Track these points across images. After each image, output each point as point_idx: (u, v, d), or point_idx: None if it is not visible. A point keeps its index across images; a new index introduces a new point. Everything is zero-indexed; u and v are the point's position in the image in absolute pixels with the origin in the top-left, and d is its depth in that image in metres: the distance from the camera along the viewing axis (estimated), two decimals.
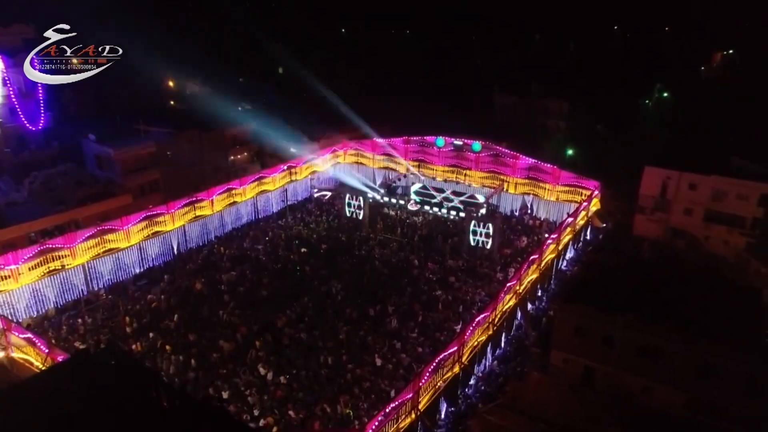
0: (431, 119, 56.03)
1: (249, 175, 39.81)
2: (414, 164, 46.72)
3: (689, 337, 21.27)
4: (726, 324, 22.47)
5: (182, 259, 35.03)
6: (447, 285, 33.39)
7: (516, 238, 40.16)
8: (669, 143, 52.57)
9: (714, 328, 22.09)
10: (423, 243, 38.69)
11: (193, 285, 32.00)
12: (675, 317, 22.46)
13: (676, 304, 23.48)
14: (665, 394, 22.30)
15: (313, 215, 43.70)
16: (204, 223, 36.69)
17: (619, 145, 54.99)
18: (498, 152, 42.97)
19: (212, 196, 36.64)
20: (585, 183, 39.63)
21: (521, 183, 42.52)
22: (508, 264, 36.11)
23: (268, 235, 39.50)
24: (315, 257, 36.28)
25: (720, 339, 21.32)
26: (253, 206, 40.97)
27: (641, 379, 22.69)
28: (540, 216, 42.48)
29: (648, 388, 22.63)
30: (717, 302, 23.87)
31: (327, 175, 48.96)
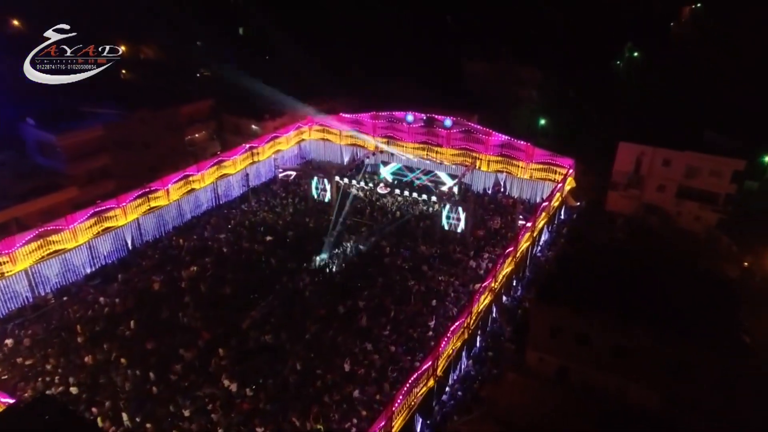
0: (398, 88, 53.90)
1: (207, 160, 37.44)
2: (383, 141, 44.89)
3: (664, 337, 20.89)
4: (701, 319, 22.19)
5: (138, 255, 33.01)
6: (420, 274, 32.43)
7: (489, 218, 39.32)
8: (639, 109, 51.97)
9: (689, 324, 21.78)
10: (394, 226, 37.47)
11: (151, 284, 30.21)
12: (650, 314, 22.01)
13: (652, 298, 23.03)
14: (641, 392, 22.12)
15: (279, 197, 41.82)
16: (160, 214, 34.52)
17: (591, 113, 54.19)
18: (470, 128, 41.48)
19: (167, 185, 34.35)
20: (559, 161, 38.73)
21: (494, 160, 41.37)
22: (481, 248, 35.32)
23: (230, 222, 37.59)
24: (281, 246, 34.73)
25: (695, 336, 21.02)
26: (213, 192, 38.81)
27: (617, 377, 22.40)
28: (514, 195, 41.62)
29: (623, 386, 22.39)
30: (692, 295, 23.55)
31: (292, 153, 46.76)
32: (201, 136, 47.21)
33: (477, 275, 32.34)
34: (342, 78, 55.96)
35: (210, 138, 47.76)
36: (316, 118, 47.55)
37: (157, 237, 34.69)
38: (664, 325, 21.25)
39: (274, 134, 44.33)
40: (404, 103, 47.70)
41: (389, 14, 64.79)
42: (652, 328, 21.10)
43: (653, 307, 22.45)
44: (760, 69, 53.20)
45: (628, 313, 21.78)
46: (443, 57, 67.87)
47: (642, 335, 21.05)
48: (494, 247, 35.60)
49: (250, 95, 49.72)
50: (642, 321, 21.46)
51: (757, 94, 47.82)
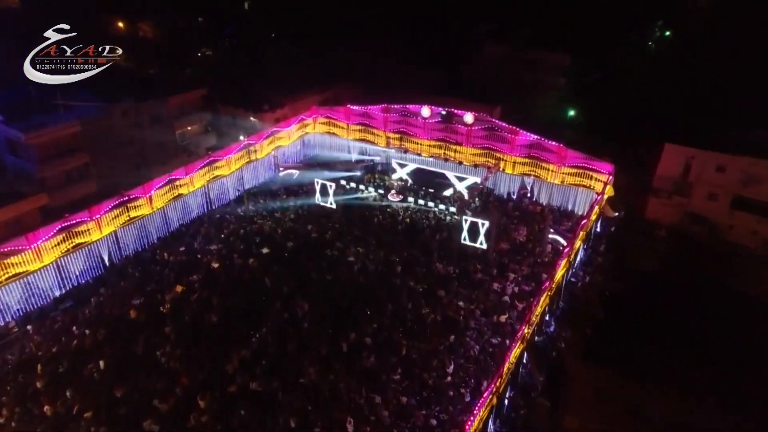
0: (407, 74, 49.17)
1: (195, 162, 33.26)
2: (395, 137, 40.43)
3: (731, 412, 16.74)
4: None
5: (116, 272, 29.23)
6: (435, 299, 28.39)
7: (513, 227, 35.00)
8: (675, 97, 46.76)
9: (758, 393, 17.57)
10: (406, 237, 33.34)
11: (127, 310, 26.47)
12: (719, 381, 17.80)
13: (721, 360, 18.80)
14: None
15: (279, 200, 37.72)
16: (142, 224, 30.67)
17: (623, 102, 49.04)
18: (494, 125, 36.82)
19: (150, 191, 30.35)
20: (596, 165, 34.08)
21: (521, 162, 36.82)
22: (505, 266, 31.12)
23: (223, 231, 33.65)
24: (279, 260, 30.78)
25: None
26: (205, 196, 34.79)
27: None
28: (542, 201, 37.15)
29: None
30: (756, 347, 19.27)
31: (294, 148, 42.48)
32: (194, 129, 43.02)
33: (501, 302, 28.27)
34: (347, 62, 51.19)
35: (204, 131, 43.57)
36: (321, 109, 43.10)
37: (139, 250, 30.87)
38: (736, 398, 17.05)
39: (274, 128, 40.00)
40: (414, 92, 43.30)
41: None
42: (722, 403, 16.92)
43: (723, 370, 18.22)
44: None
45: (691, 382, 17.57)
46: (457, 39, 62.63)
47: (709, 412, 16.89)
48: (519, 264, 31.42)
49: (250, 82, 45.44)
50: (709, 392, 17.25)
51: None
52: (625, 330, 20.29)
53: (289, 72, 47.57)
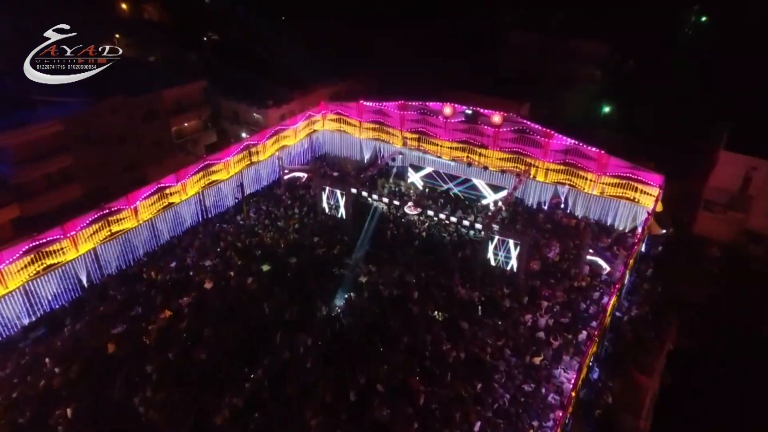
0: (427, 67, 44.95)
1: (188, 167, 29.72)
2: (412, 137, 36.51)
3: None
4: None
5: (96, 294, 25.97)
6: (458, 332, 24.78)
7: (545, 243, 31.11)
8: (723, 96, 42.09)
9: None
10: (423, 254, 29.66)
11: (106, 341, 23.23)
12: None
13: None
14: None
15: (283, 206, 34.17)
16: (126, 239, 27.27)
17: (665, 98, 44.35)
18: (525, 127, 32.72)
19: (134, 202, 26.91)
20: (643, 176, 29.91)
21: (555, 169, 32.75)
22: (537, 292, 27.35)
23: (220, 243, 30.21)
24: (280, 281, 27.35)
25: None
26: (199, 204, 31.31)
27: None
28: (577, 213, 33.12)
29: None
30: None
31: (301, 147, 38.75)
32: (191, 126, 39.46)
33: (533, 337, 24.58)
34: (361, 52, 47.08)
35: (203, 128, 39.99)
36: (331, 104, 39.24)
37: (123, 267, 27.55)
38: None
39: (278, 126, 36.27)
40: (432, 86, 39.22)
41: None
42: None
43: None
44: None
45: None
46: (479, 26, 57.94)
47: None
48: (553, 289, 27.62)
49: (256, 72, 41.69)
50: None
51: None
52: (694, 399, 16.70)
53: (298, 61, 43.63)
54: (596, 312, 26.44)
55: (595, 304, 26.85)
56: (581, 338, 24.78)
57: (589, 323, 25.61)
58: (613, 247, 31.04)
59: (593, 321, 25.72)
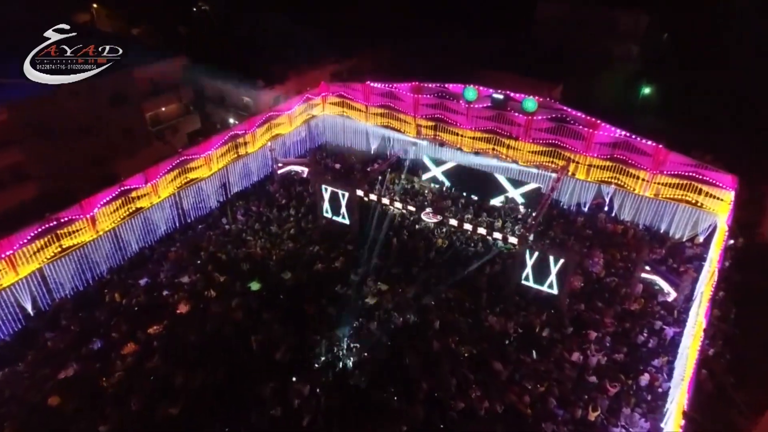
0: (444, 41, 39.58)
1: (161, 164, 24.77)
2: (428, 125, 31.42)
3: None
4: None
5: (44, 324, 21.29)
6: (489, 375, 20.17)
7: (586, 252, 26.24)
8: None
9: None
10: (443, 268, 24.91)
11: (51, 392, 18.66)
12: None
13: None
14: None
15: (276, 206, 29.31)
16: (82, 254, 22.46)
17: (719, 79, 38.81)
18: (564, 115, 27.59)
19: (91, 210, 22.02)
20: (710, 176, 24.90)
21: (599, 165, 27.74)
22: (583, 318, 22.68)
23: (200, 253, 25.46)
24: (271, 305, 22.68)
25: None
26: (174, 207, 26.46)
27: None
28: (624, 218, 28.21)
29: None
30: None
31: (297, 136, 33.68)
32: (170, 110, 34.30)
33: (584, 382, 19.98)
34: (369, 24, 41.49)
35: (184, 112, 34.81)
36: (333, 85, 34.01)
37: (80, 289, 22.84)
38: None
39: (270, 111, 31.17)
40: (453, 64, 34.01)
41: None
42: None
43: None
44: None
45: None
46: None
47: None
48: (602, 315, 22.92)
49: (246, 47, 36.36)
50: None
51: None
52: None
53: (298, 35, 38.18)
54: (656, 346, 21.83)
55: (656, 335, 22.18)
56: (643, 383, 20.20)
57: (651, 362, 21.02)
58: (667, 259, 26.24)
59: (655, 359, 21.14)
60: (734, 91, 37.18)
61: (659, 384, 20.15)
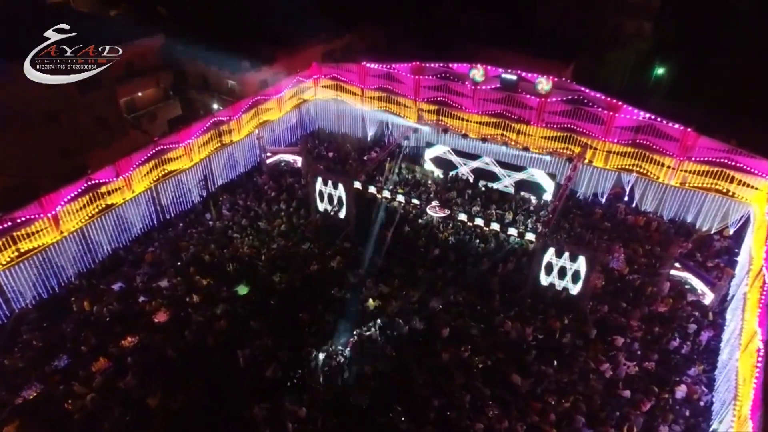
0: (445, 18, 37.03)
1: (135, 154, 22.24)
2: (430, 108, 28.99)
3: None
4: None
5: (1, 337, 18.87)
6: (508, 390, 18.03)
7: (606, 246, 24.01)
8: None
9: None
10: (450, 267, 22.68)
11: (3, 424, 16.33)
12: None
13: None
14: None
15: (265, 200, 26.87)
16: (45, 258, 20.00)
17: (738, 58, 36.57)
18: (582, 96, 25.25)
19: (53, 209, 19.52)
20: (745, 162, 22.74)
21: (619, 152, 25.48)
22: (607, 322, 20.58)
23: (180, 256, 23.05)
24: (260, 313, 20.40)
25: None
26: (151, 203, 23.98)
27: None
28: (646, 209, 26.04)
29: None
30: None
31: (288, 122, 31.16)
32: (148, 96, 31.56)
33: (613, 394, 17.90)
34: None
35: (164, 98, 32.10)
36: (326, 66, 31.42)
37: (44, 297, 20.38)
38: None
39: (257, 96, 28.60)
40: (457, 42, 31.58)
41: None
42: None
43: None
44: None
45: None
46: None
47: None
48: (627, 317, 20.83)
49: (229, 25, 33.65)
50: None
51: None
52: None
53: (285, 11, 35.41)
54: (689, 352, 19.79)
55: (689, 340, 20.11)
56: (679, 395, 18.15)
57: (686, 371, 18.97)
58: (695, 253, 24.15)
59: (691, 367, 19.10)
60: (753, 73, 34.94)
61: (698, 397, 18.13)
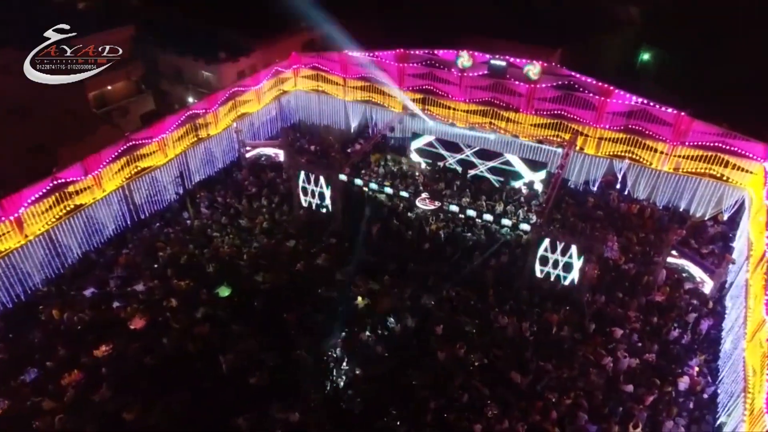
0: None
1: (104, 150, 20.94)
2: (415, 97, 28.05)
3: None
4: None
5: None
6: (507, 388, 17.36)
7: (600, 235, 23.37)
8: None
9: None
10: (443, 263, 21.88)
11: None
12: None
13: None
14: None
15: (245, 196, 25.73)
16: (9, 264, 18.72)
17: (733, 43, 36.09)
18: (573, 81, 24.54)
19: (15, 211, 18.18)
20: (740, 146, 22.26)
21: (611, 138, 24.87)
22: (604, 314, 20.00)
23: (157, 257, 21.85)
24: (243, 315, 19.37)
25: None
26: (124, 202, 22.70)
27: None
28: (639, 197, 25.50)
29: None
30: None
31: (268, 114, 29.99)
32: (119, 89, 30.08)
33: (614, 388, 17.30)
34: None
35: (135, 92, 30.66)
36: (306, 56, 30.26)
37: (9, 306, 19.11)
38: None
39: (235, 87, 27.36)
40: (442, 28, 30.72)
41: None
42: None
43: None
44: None
45: None
46: None
47: None
48: (624, 308, 20.26)
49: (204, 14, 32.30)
50: None
51: None
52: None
53: None
54: (690, 342, 19.29)
55: (690, 330, 19.59)
56: (682, 387, 17.61)
57: (687, 362, 18.45)
58: (689, 241, 23.68)
59: (692, 358, 18.59)
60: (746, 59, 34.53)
61: (701, 388, 17.61)
